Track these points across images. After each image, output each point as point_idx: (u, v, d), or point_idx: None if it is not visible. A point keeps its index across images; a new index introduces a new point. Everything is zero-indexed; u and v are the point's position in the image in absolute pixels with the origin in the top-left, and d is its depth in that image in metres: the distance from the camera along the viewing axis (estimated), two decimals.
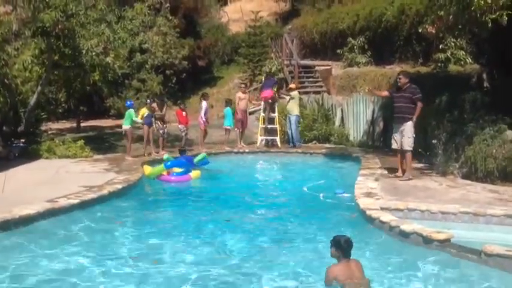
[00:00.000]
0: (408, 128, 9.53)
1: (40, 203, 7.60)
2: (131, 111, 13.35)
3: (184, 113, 14.95)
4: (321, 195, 9.29)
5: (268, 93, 15.22)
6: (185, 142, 14.61)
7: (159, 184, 11.06)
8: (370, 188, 8.70)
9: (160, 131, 14.10)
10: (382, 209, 7.27)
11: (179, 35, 21.76)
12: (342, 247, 4.75)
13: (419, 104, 9.43)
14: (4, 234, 6.56)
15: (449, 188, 8.69)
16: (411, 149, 9.61)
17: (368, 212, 7.13)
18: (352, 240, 4.84)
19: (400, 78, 9.86)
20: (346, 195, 9.05)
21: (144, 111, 13.62)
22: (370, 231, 6.84)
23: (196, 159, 11.94)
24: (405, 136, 9.58)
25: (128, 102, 14.13)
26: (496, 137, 9.23)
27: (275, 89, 15.47)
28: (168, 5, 20.96)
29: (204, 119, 14.55)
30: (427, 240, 5.92)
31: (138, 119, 13.37)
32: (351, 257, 4.81)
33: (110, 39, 13.59)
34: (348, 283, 4.62)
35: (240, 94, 15.32)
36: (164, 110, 14.57)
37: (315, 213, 8.24)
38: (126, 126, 13.32)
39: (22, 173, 11.14)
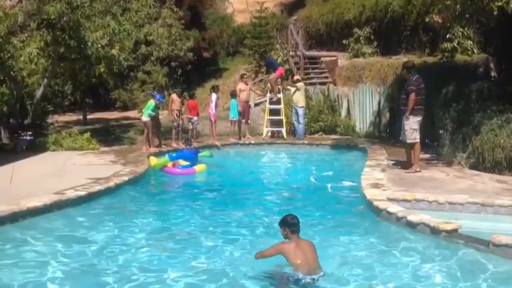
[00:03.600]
0: (405, 120, 9.41)
1: (47, 195, 7.63)
2: (151, 102, 13.34)
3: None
4: (329, 185, 9.29)
5: (281, 69, 16.08)
6: (195, 134, 14.55)
7: (164, 176, 11.07)
8: (377, 179, 8.68)
9: (175, 123, 14.04)
10: (389, 199, 7.25)
11: (184, 26, 21.68)
12: (288, 223, 4.86)
13: (411, 96, 9.15)
14: (12, 226, 6.61)
15: (456, 179, 8.65)
16: (411, 141, 9.38)
17: (375, 203, 7.11)
18: (297, 217, 4.94)
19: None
20: (353, 183, 9.03)
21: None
22: (376, 221, 6.84)
23: (201, 154, 11.99)
24: (403, 129, 9.52)
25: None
26: (503, 127, 9.15)
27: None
28: None
29: (214, 112, 14.48)
30: (435, 231, 5.91)
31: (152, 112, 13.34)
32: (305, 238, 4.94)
33: (115, 32, 13.57)
34: (294, 261, 4.66)
35: (241, 85, 15.28)
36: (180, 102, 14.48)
37: (323, 203, 8.25)
38: (145, 118, 13.30)
39: (29, 166, 11.19)
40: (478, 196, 7.19)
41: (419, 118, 9.34)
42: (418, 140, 9.41)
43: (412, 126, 9.33)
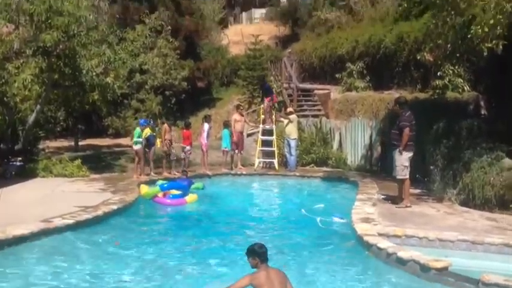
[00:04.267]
0: (396, 155, 9.44)
1: (34, 223, 7.54)
2: (137, 129, 13.39)
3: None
4: (318, 219, 9.23)
5: (267, 99, 16.56)
6: (187, 163, 14.54)
7: (154, 205, 10.96)
8: (368, 213, 8.67)
9: (171, 153, 14.04)
10: (379, 234, 7.22)
11: (179, 56, 21.89)
12: (256, 252, 4.67)
13: (405, 131, 9.21)
14: None
15: (446, 215, 8.66)
16: (401, 177, 9.41)
17: (365, 238, 7.08)
18: (264, 245, 4.76)
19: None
20: (343, 220, 8.99)
21: (148, 131, 13.62)
22: (366, 257, 6.79)
23: (193, 186, 11.98)
24: (394, 164, 9.56)
25: (141, 120, 14.07)
26: (493, 165, 9.23)
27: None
28: (169, 27, 21.13)
29: (206, 141, 14.52)
30: (425, 268, 5.87)
31: (139, 139, 13.37)
32: (275, 267, 4.74)
33: (111, 60, 13.66)
34: None
35: (236, 116, 15.39)
36: (172, 131, 14.59)
37: (312, 237, 8.20)
38: (136, 146, 13.30)
39: (18, 192, 11.08)
40: (468, 233, 7.18)
41: (410, 154, 9.38)
42: (407, 177, 9.44)
43: (403, 163, 9.35)
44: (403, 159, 9.34)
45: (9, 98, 13.67)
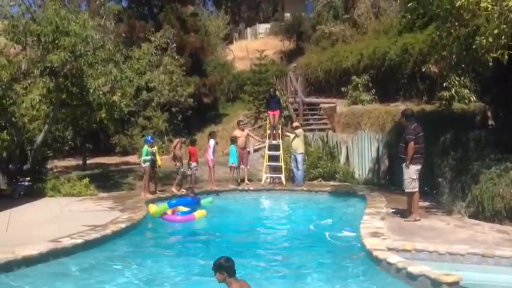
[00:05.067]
0: (404, 169, 9.38)
1: (43, 243, 7.55)
2: (145, 147, 13.43)
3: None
4: (327, 234, 9.18)
5: (277, 112, 16.18)
6: (194, 180, 14.54)
7: (162, 223, 10.96)
8: (376, 227, 8.60)
9: (180, 170, 14.08)
10: (388, 249, 7.16)
11: (185, 73, 22.07)
12: (224, 267, 4.48)
13: (410, 145, 9.16)
14: (6, 275, 6.50)
15: (456, 228, 8.57)
16: (410, 190, 9.33)
17: (375, 253, 7.02)
18: (231, 258, 4.60)
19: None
20: (353, 234, 8.92)
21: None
22: (376, 272, 6.73)
23: (203, 201, 12.01)
24: (403, 177, 9.51)
25: (148, 137, 14.12)
26: (502, 176, 9.13)
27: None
28: (174, 44, 21.34)
29: (212, 157, 14.56)
30: (435, 283, 5.80)
31: (155, 156, 13.48)
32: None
33: (117, 79, 13.78)
34: None
35: (236, 132, 15.45)
36: (181, 148, 14.64)
37: (322, 252, 8.16)
38: (145, 164, 13.31)
39: (26, 212, 11.12)
40: (479, 247, 7.10)
41: (418, 167, 9.29)
42: (417, 189, 9.36)
43: (411, 176, 9.28)
44: (411, 172, 9.28)
45: (18, 119, 13.81)
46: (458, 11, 9.07)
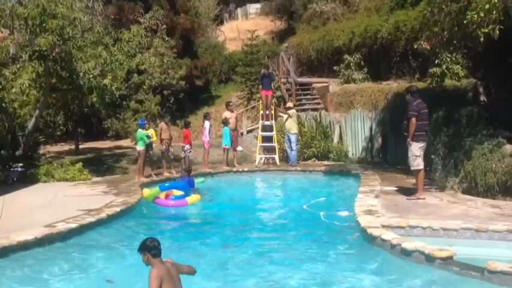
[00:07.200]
0: (408, 145, 9.30)
1: (38, 228, 7.53)
2: (140, 131, 13.30)
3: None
4: (321, 213, 9.20)
5: (270, 93, 16.15)
6: (188, 162, 14.51)
7: (157, 207, 10.90)
8: (371, 205, 8.64)
9: (166, 153, 14.02)
10: (383, 226, 7.21)
11: (176, 55, 21.86)
12: (148, 247, 4.38)
13: (411, 121, 9.01)
14: (1, 260, 6.49)
15: (449, 204, 8.63)
16: (414, 168, 9.20)
17: (369, 230, 7.06)
18: (156, 238, 4.49)
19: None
20: (348, 213, 8.93)
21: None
22: (371, 249, 6.78)
23: (197, 181, 12.00)
24: (408, 154, 9.45)
25: (140, 121, 13.95)
26: (494, 151, 9.19)
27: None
28: (164, 26, 21.06)
29: (208, 139, 14.51)
30: (430, 258, 5.86)
31: (152, 138, 13.47)
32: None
33: (107, 62, 13.62)
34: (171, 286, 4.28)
35: (226, 113, 15.38)
36: (169, 128, 14.56)
37: (316, 231, 8.20)
38: (140, 147, 13.22)
39: (20, 198, 11.08)
40: (472, 222, 7.16)
41: (421, 144, 9.11)
42: (422, 167, 9.19)
43: (414, 153, 9.11)
44: (413, 149, 9.11)
45: (8, 104, 13.66)
46: None
